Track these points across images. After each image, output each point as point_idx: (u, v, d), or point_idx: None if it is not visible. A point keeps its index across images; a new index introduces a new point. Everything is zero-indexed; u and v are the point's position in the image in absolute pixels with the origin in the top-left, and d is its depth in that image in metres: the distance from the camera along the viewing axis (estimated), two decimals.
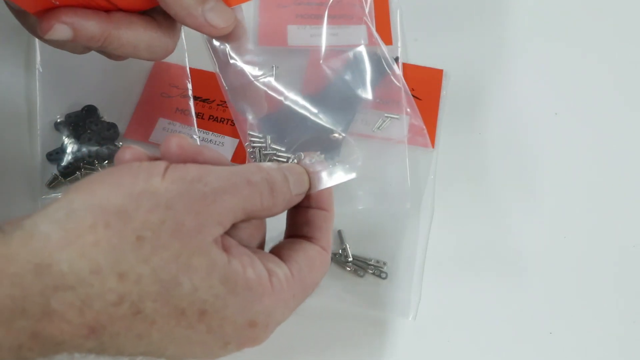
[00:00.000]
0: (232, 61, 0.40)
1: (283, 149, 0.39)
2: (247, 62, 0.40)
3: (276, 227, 0.37)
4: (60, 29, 0.36)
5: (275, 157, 0.43)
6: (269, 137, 0.41)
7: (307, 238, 0.36)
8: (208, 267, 0.29)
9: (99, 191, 0.29)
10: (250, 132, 0.41)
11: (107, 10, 0.37)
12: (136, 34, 0.38)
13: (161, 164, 0.30)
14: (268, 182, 0.32)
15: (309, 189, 0.36)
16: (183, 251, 0.28)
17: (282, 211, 0.34)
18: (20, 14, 0.40)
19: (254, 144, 0.40)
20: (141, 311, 0.28)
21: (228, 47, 0.40)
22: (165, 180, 0.29)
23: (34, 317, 0.27)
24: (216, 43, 0.40)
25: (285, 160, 0.42)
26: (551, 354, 0.44)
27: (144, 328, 0.28)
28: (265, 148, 0.43)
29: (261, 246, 0.35)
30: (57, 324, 0.27)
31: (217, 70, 0.41)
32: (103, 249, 0.27)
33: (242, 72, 0.40)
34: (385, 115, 0.47)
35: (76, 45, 0.41)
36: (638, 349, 0.44)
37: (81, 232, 0.27)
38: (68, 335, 0.27)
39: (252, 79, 0.41)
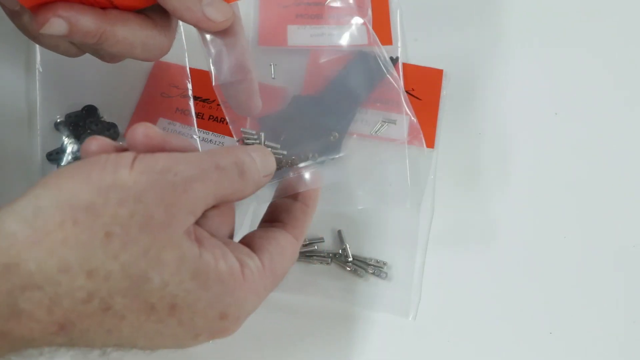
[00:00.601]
0: (227, 57, 0.40)
1: (278, 146, 0.39)
2: (243, 58, 0.40)
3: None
4: (56, 23, 0.35)
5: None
6: (262, 134, 0.40)
7: (281, 224, 0.36)
8: (178, 262, 0.29)
9: (66, 186, 0.28)
10: (243, 130, 0.41)
11: (103, 8, 0.37)
12: (132, 31, 0.38)
13: (129, 155, 0.30)
14: (237, 164, 0.32)
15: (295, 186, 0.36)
16: (152, 245, 0.28)
17: (252, 193, 0.34)
18: (14, 14, 0.39)
19: (247, 141, 0.40)
20: (111, 307, 0.28)
21: (224, 42, 0.39)
22: (133, 172, 0.29)
23: (2, 317, 0.26)
24: (211, 38, 0.40)
25: (280, 157, 0.42)
26: (551, 354, 0.44)
27: (113, 324, 0.28)
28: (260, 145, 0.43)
29: (231, 235, 0.35)
30: (26, 323, 0.27)
31: (211, 65, 0.40)
32: (71, 247, 0.27)
33: (237, 68, 0.40)
34: (383, 120, 0.47)
35: (70, 47, 0.40)
36: (638, 349, 0.44)
37: (49, 230, 0.27)
38: (37, 333, 0.27)
39: (247, 75, 0.40)
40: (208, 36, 0.39)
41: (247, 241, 0.35)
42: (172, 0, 0.37)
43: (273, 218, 0.37)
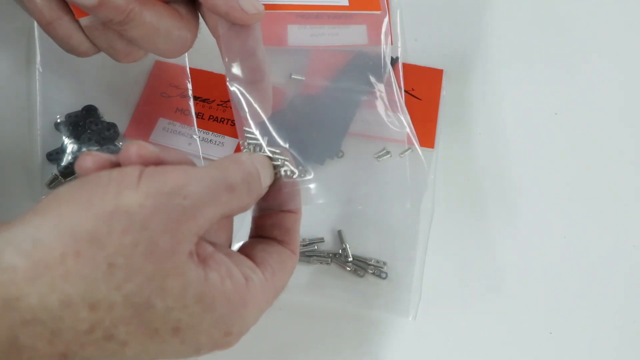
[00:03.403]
0: (244, 59, 0.39)
1: (279, 151, 0.39)
2: (260, 61, 0.40)
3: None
4: None
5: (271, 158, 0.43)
6: (265, 139, 0.40)
7: (277, 241, 0.35)
8: (182, 288, 0.28)
9: (66, 214, 0.27)
10: (247, 129, 0.40)
11: None
12: (159, 17, 0.37)
13: (133, 172, 0.28)
14: (246, 181, 0.32)
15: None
16: (156, 274, 0.27)
17: (253, 205, 0.34)
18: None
19: (250, 142, 0.40)
20: (113, 335, 0.27)
21: (242, 44, 0.39)
22: (139, 194, 0.27)
23: (2, 352, 0.26)
24: (229, 38, 0.39)
25: (279, 162, 0.42)
26: (551, 354, 0.44)
27: (116, 349, 0.28)
28: (261, 149, 0.43)
29: (229, 240, 0.35)
30: (27, 355, 0.26)
31: (226, 64, 0.40)
32: (74, 281, 0.26)
33: (253, 70, 0.40)
34: (386, 150, 0.47)
35: (82, 41, 0.39)
36: (638, 349, 0.44)
37: (50, 264, 0.26)
38: None
39: (262, 78, 0.40)
40: (226, 36, 0.39)
41: (248, 252, 0.34)
42: None
43: (265, 233, 0.36)
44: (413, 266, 0.45)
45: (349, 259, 0.45)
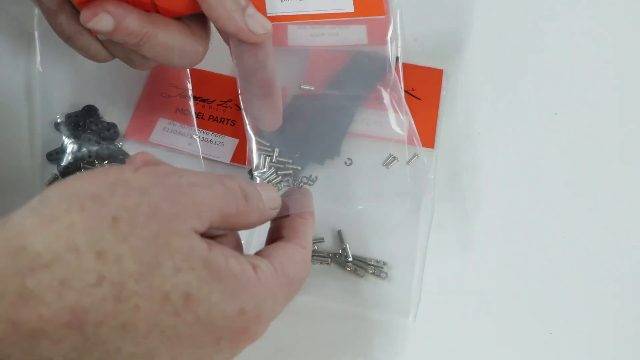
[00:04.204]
0: (255, 72, 0.40)
1: (290, 161, 0.40)
2: (271, 76, 0.41)
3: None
4: (104, 18, 0.37)
5: (281, 168, 0.43)
6: (276, 150, 0.41)
7: (284, 240, 0.36)
8: (188, 249, 0.28)
9: (72, 182, 0.29)
10: (258, 140, 0.41)
11: (147, 12, 0.38)
12: (172, 36, 0.39)
13: (131, 165, 0.31)
14: (241, 188, 0.33)
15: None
16: (161, 232, 0.28)
17: (258, 223, 0.34)
18: (50, 13, 0.40)
19: (261, 149, 0.41)
20: (123, 293, 0.27)
21: (254, 57, 0.40)
22: (138, 173, 0.30)
23: (9, 299, 0.26)
24: (241, 50, 0.40)
25: (290, 172, 0.42)
26: (551, 354, 0.44)
27: (128, 315, 0.27)
28: (272, 159, 0.44)
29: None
30: (35, 308, 0.26)
31: (238, 78, 0.41)
32: (79, 230, 0.27)
33: (264, 84, 0.41)
34: (393, 155, 0.47)
35: (100, 51, 0.42)
36: (638, 349, 0.44)
37: (56, 216, 0.27)
38: (48, 322, 0.26)
39: (273, 91, 0.41)
40: (237, 49, 0.40)
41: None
42: (216, 9, 0.38)
43: (274, 237, 0.37)
44: (413, 266, 0.45)
45: (349, 259, 0.45)
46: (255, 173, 0.43)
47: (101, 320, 0.27)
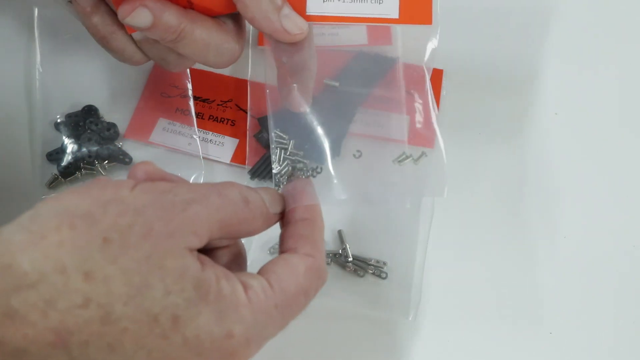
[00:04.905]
0: (297, 64, 0.41)
1: (301, 153, 0.40)
2: (310, 65, 0.42)
3: None
4: (142, 13, 0.36)
5: (295, 163, 0.43)
6: (292, 142, 0.41)
7: (289, 251, 0.34)
8: (181, 270, 0.28)
9: (65, 198, 0.28)
10: (275, 132, 0.41)
11: (184, 8, 0.38)
12: (209, 33, 0.39)
13: (130, 180, 0.30)
14: (241, 195, 0.32)
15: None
16: (154, 252, 0.28)
17: (262, 229, 0.34)
18: (85, 14, 0.40)
19: (278, 143, 0.41)
20: (110, 316, 0.27)
21: (290, 55, 0.40)
22: (135, 191, 0.29)
23: None
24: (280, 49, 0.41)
25: (302, 165, 0.42)
26: (551, 354, 0.44)
27: (114, 336, 0.27)
28: (287, 151, 0.44)
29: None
30: (20, 328, 0.26)
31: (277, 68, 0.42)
32: (68, 249, 0.27)
33: (303, 71, 0.42)
34: (405, 153, 0.47)
35: (135, 52, 0.41)
36: (638, 349, 0.44)
37: (45, 234, 0.27)
38: (33, 342, 0.26)
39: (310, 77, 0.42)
40: (274, 43, 0.40)
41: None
42: (252, 9, 0.38)
43: (282, 250, 0.35)
44: (413, 266, 0.45)
45: (349, 259, 0.45)
46: (273, 166, 0.42)
47: (87, 340, 0.27)
